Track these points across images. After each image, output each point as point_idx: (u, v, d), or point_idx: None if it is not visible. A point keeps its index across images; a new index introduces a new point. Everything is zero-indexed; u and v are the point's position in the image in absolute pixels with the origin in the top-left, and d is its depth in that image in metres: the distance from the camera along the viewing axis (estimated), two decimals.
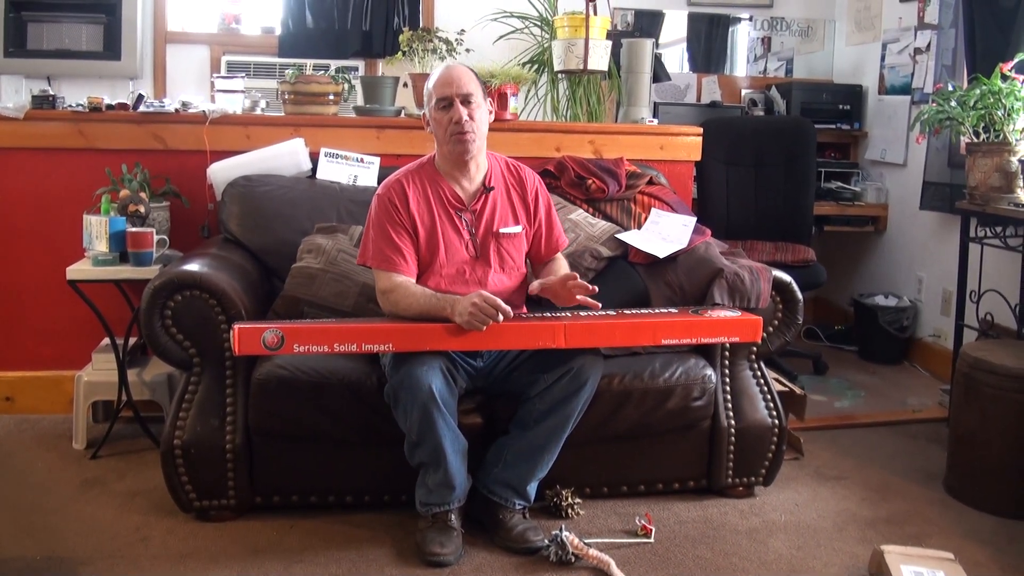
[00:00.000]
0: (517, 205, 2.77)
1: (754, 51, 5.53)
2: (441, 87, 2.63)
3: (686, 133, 3.85)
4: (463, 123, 2.60)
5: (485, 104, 2.69)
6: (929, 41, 4.50)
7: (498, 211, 2.73)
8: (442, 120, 2.63)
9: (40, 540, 2.56)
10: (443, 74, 2.66)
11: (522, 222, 2.77)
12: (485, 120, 2.69)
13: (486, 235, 2.71)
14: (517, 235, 2.76)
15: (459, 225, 2.69)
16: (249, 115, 3.60)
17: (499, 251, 2.72)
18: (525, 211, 2.79)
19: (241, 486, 2.67)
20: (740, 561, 2.56)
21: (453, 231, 2.68)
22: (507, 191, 2.77)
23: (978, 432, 2.95)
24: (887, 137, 4.91)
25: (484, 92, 2.71)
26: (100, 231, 3.07)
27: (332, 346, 2.42)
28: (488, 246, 2.71)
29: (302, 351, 2.42)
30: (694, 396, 2.79)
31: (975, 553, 2.62)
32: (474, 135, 2.63)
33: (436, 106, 2.64)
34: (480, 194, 2.72)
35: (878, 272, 5.01)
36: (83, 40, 4.58)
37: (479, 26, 4.07)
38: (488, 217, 2.71)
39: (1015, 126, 3.35)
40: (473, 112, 2.62)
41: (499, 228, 2.72)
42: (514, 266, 2.76)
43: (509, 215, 2.75)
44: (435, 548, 2.47)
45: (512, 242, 2.75)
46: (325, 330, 2.44)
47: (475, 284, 2.66)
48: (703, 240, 3.15)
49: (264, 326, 2.39)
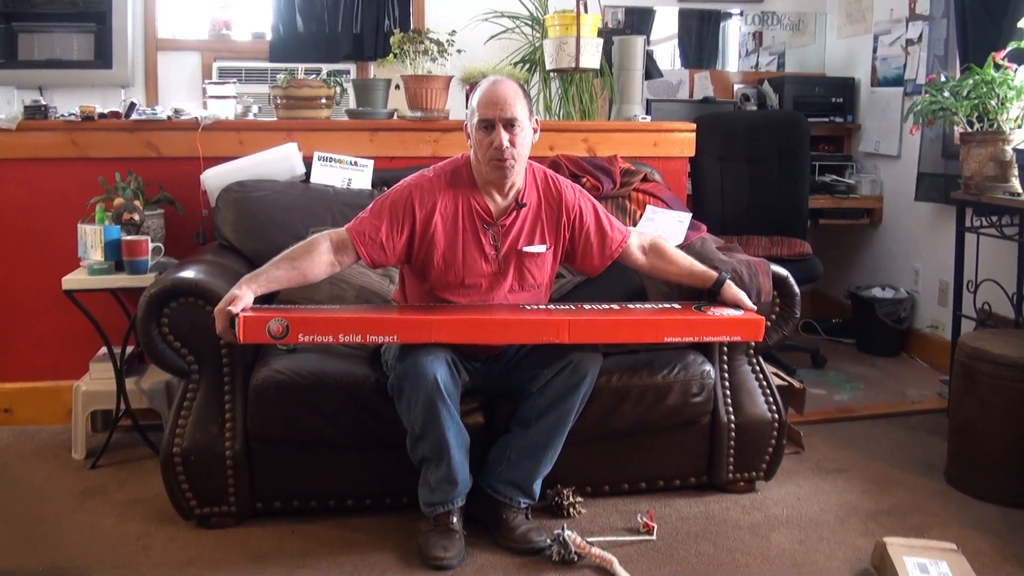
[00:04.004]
0: (547, 224, 2.66)
1: (745, 46, 5.53)
2: (484, 107, 2.50)
3: (679, 129, 3.85)
4: (503, 150, 2.48)
5: (530, 124, 2.57)
6: (921, 32, 4.51)
7: (526, 229, 2.64)
8: (483, 141, 2.51)
9: (41, 551, 2.55)
10: (488, 91, 2.52)
11: (549, 241, 2.67)
12: (528, 143, 2.56)
13: (509, 251, 2.63)
14: (541, 255, 2.66)
15: (483, 239, 2.60)
16: (241, 120, 3.60)
17: (520, 268, 2.65)
18: (556, 230, 2.67)
19: (241, 492, 2.66)
20: (743, 556, 2.56)
21: (475, 244, 2.60)
22: (539, 208, 2.66)
23: (978, 422, 2.95)
24: (881, 129, 4.91)
25: (531, 110, 2.58)
26: (95, 240, 3.06)
27: (337, 336, 2.40)
28: (510, 262, 2.64)
29: (307, 340, 2.40)
30: (693, 392, 2.79)
31: (977, 543, 2.62)
32: (514, 161, 2.51)
33: (478, 125, 2.51)
34: (512, 210, 2.62)
35: (874, 264, 5.01)
36: (74, 49, 4.57)
37: (470, 27, 4.07)
38: (515, 234, 2.63)
39: (1009, 115, 3.34)
40: (515, 137, 2.49)
41: (523, 247, 2.63)
42: (534, 283, 2.69)
43: (536, 234, 2.65)
44: (438, 552, 2.46)
45: (535, 261, 2.66)
46: (330, 320, 2.43)
47: (488, 295, 2.63)
48: (699, 236, 3.15)
49: (269, 315, 2.37)
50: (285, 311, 2.41)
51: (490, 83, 2.56)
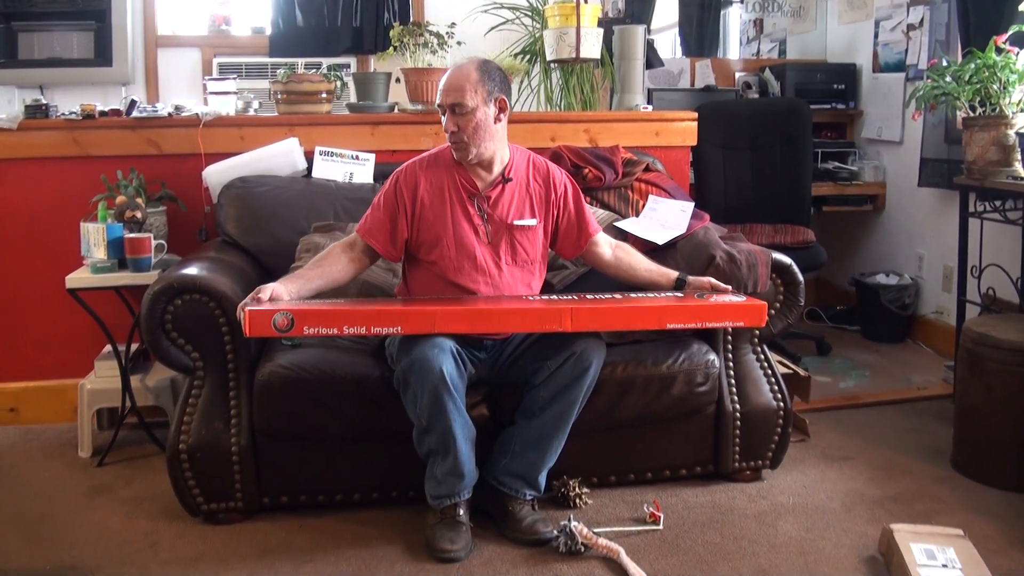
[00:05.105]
0: (536, 200, 2.74)
1: (746, 33, 5.52)
2: (438, 94, 2.65)
3: (681, 118, 3.84)
4: (451, 133, 2.62)
5: (485, 107, 2.61)
6: (922, 17, 4.49)
7: (514, 203, 2.71)
8: (443, 124, 2.66)
9: (49, 549, 2.56)
10: (443, 80, 2.66)
11: (538, 216, 2.74)
12: (483, 124, 2.61)
13: (500, 225, 2.69)
14: (532, 228, 2.73)
15: (471, 210, 2.68)
16: (242, 116, 3.60)
17: (512, 243, 2.70)
18: (545, 207, 2.75)
19: (248, 488, 2.67)
20: (750, 545, 2.56)
21: (463, 215, 2.67)
22: (528, 184, 2.75)
23: (983, 407, 2.94)
24: (883, 115, 4.90)
25: (486, 92, 2.61)
26: (98, 238, 3.07)
27: (342, 328, 2.41)
28: (501, 236, 2.70)
29: (312, 333, 2.40)
30: (698, 382, 2.79)
31: (984, 528, 2.62)
32: (466, 142, 2.61)
33: (439, 111, 2.67)
34: (497, 183, 2.71)
35: (878, 251, 5.00)
36: (74, 48, 4.57)
37: (470, 18, 4.07)
38: (504, 207, 2.70)
39: (1011, 99, 3.33)
40: (460, 121, 2.59)
41: (513, 220, 2.70)
42: (527, 259, 2.74)
43: (526, 208, 2.73)
44: (445, 544, 2.47)
45: (526, 235, 2.72)
46: (335, 312, 2.43)
47: (487, 273, 2.67)
48: (702, 225, 3.14)
49: (274, 308, 2.38)
50: (290, 305, 2.42)
51: (449, 70, 2.69)
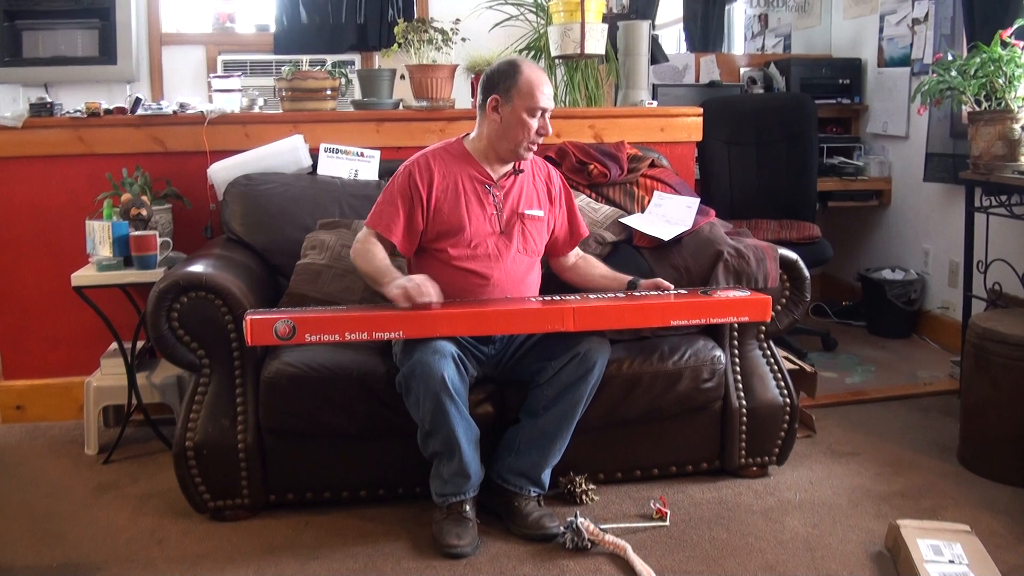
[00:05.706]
0: (542, 193, 2.84)
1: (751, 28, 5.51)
2: (540, 95, 2.64)
3: (686, 114, 3.83)
4: (543, 137, 2.68)
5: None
6: (927, 11, 4.47)
7: (524, 193, 2.79)
8: (526, 124, 2.64)
9: (55, 547, 2.56)
10: (541, 79, 2.66)
11: (544, 209, 2.82)
12: None
13: (512, 214, 2.75)
14: (540, 219, 2.81)
15: (485, 200, 2.73)
16: (247, 114, 3.60)
17: (523, 232, 2.76)
18: (549, 201, 2.85)
19: (254, 485, 2.67)
20: (756, 541, 2.56)
21: (478, 204, 2.72)
22: (534, 178, 2.84)
23: (990, 403, 2.94)
24: (888, 110, 4.89)
25: None
26: (103, 236, 3.07)
27: (343, 334, 2.42)
28: (513, 225, 2.75)
29: (314, 340, 2.41)
30: (704, 378, 2.79)
31: (991, 524, 2.62)
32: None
33: (527, 109, 2.63)
34: (509, 175, 2.77)
35: (884, 246, 4.99)
36: (78, 46, 4.57)
37: (474, 15, 4.06)
38: (515, 197, 2.76)
39: (1017, 93, 3.32)
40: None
41: (524, 209, 2.76)
42: (535, 249, 2.82)
43: (535, 199, 2.81)
44: (452, 540, 2.47)
45: (535, 225, 2.79)
46: (336, 319, 2.44)
47: (497, 260, 2.70)
48: (707, 221, 3.14)
49: (276, 316, 2.38)
50: (291, 312, 2.42)
51: (537, 70, 2.70)
